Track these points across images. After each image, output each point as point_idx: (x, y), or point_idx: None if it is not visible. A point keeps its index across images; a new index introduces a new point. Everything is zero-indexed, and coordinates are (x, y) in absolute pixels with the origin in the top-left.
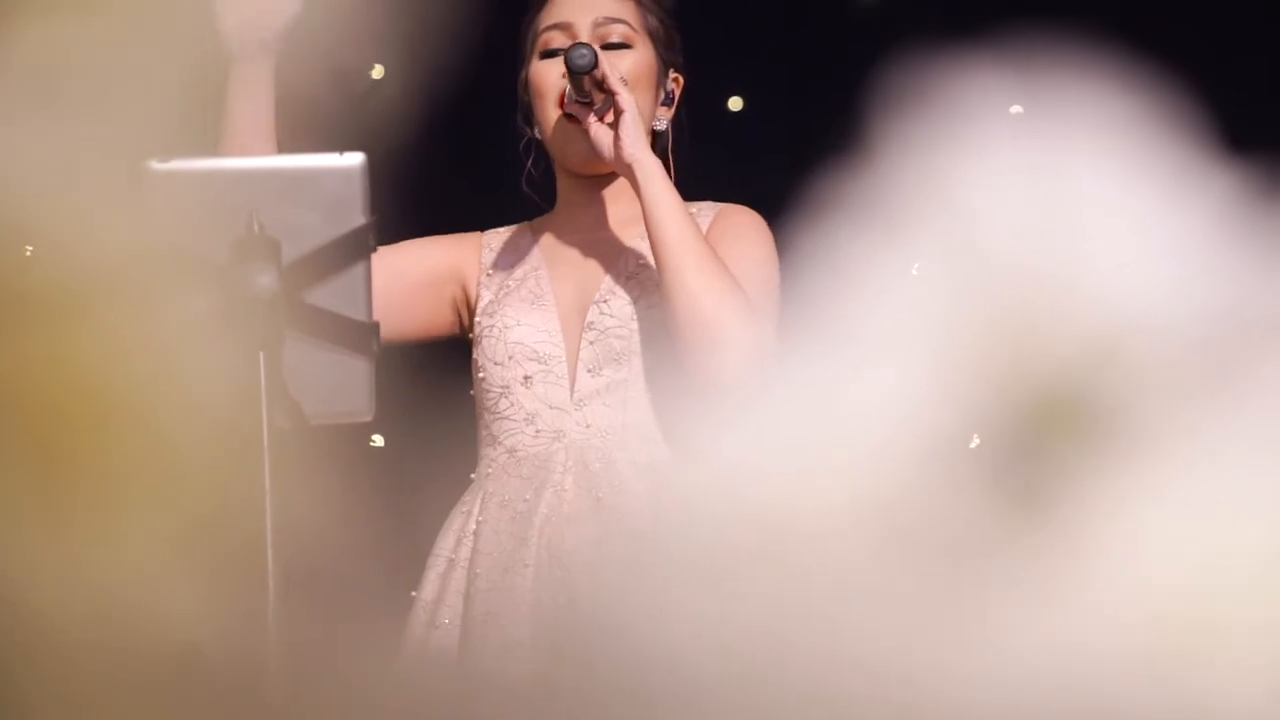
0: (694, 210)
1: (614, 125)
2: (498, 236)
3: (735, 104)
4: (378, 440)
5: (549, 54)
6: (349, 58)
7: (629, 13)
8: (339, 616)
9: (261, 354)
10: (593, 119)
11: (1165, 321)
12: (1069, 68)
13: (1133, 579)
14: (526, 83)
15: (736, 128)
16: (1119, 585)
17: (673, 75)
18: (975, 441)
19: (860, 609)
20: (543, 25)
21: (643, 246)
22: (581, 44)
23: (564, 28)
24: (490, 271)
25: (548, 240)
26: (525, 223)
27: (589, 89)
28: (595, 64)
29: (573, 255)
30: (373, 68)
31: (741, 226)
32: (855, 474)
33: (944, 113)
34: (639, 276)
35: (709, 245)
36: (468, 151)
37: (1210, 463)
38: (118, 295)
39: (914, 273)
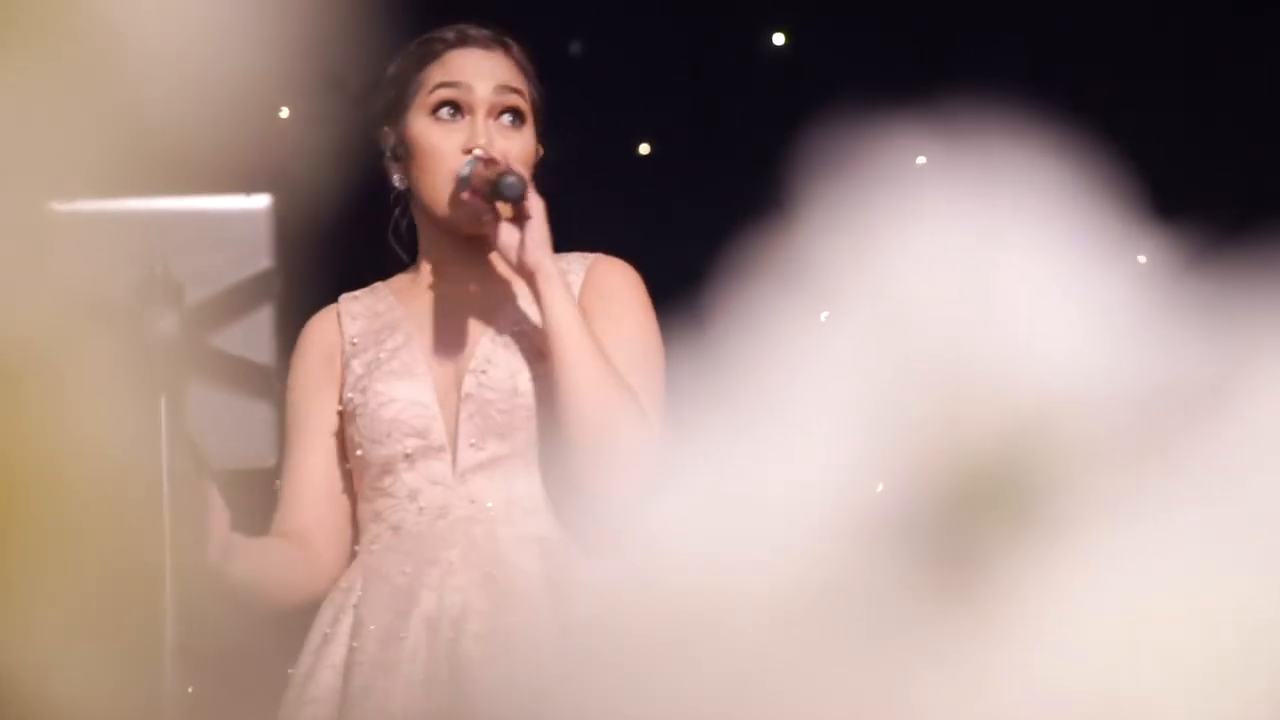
0: (563, 265)
1: (520, 228)
2: (356, 302)
3: (644, 149)
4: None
5: (442, 112)
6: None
7: (522, 82)
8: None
9: (163, 398)
10: (496, 215)
11: (1092, 392)
12: (996, 132)
13: (1062, 656)
14: (406, 136)
15: (645, 173)
16: (1048, 662)
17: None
18: (880, 488)
19: (782, 694)
20: (435, 79)
21: (518, 307)
22: (513, 174)
23: (462, 88)
24: (355, 340)
25: (415, 303)
26: (382, 283)
27: (496, 201)
28: (524, 193)
29: (444, 319)
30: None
31: (618, 292)
32: (776, 553)
33: (868, 175)
34: (516, 345)
35: (605, 355)
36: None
37: (1140, 536)
38: (23, 347)
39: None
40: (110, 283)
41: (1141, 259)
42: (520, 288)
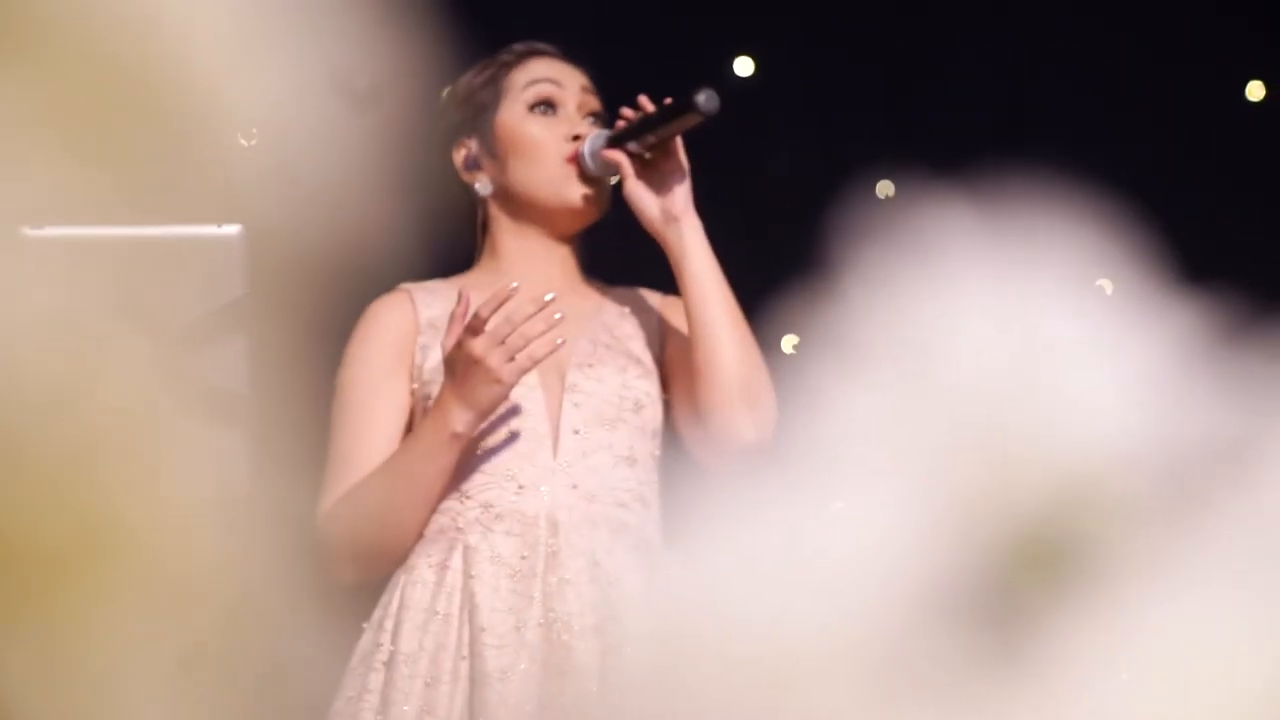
0: (645, 294)
1: (671, 179)
2: (428, 291)
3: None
4: None
5: (540, 107)
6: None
7: (595, 90)
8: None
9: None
10: (635, 172)
11: (1133, 456)
12: (1033, 202)
13: (1112, 715)
14: (502, 134)
15: (616, 202)
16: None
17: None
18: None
19: None
20: (526, 79)
21: (607, 317)
22: (712, 88)
23: (555, 84)
24: (435, 324)
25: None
26: (449, 278)
27: (666, 135)
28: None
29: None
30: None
31: None
32: (826, 616)
33: (911, 244)
34: (615, 348)
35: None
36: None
37: (1182, 597)
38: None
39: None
40: (80, 309)
41: (1104, 284)
42: (606, 299)
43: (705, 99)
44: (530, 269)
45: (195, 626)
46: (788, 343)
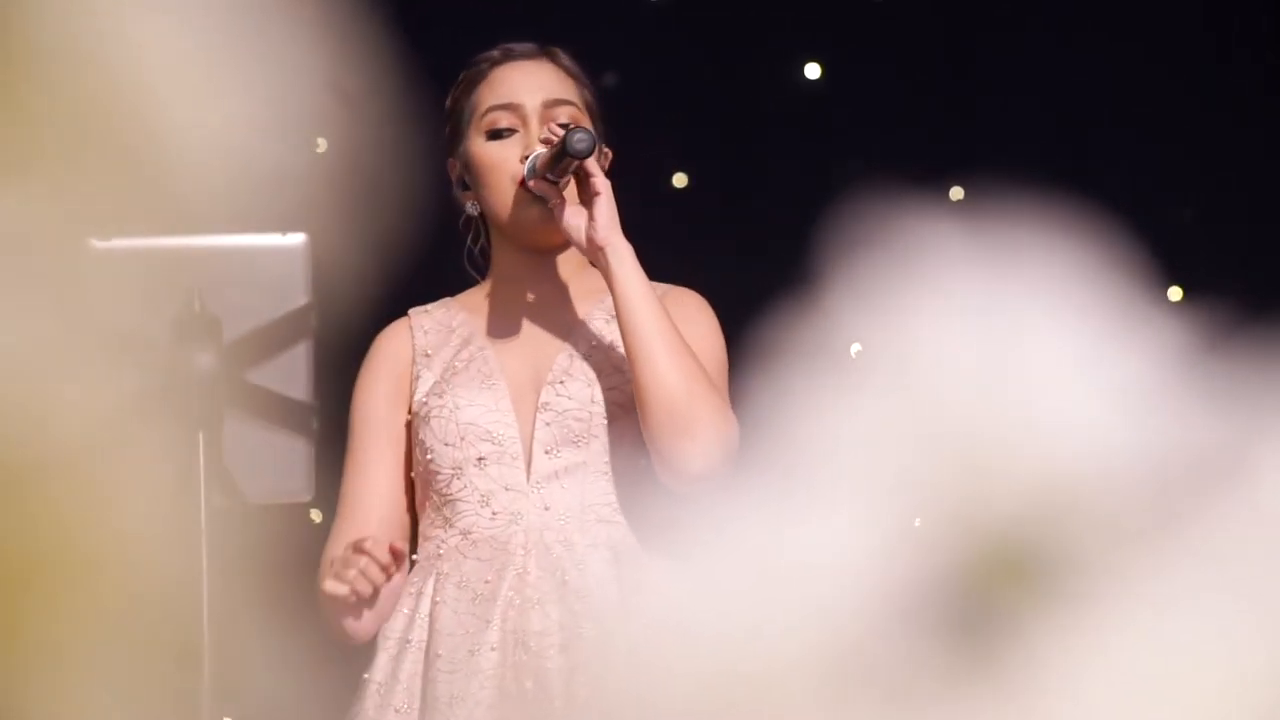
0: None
1: (588, 207)
2: (427, 316)
3: (680, 180)
4: (316, 516)
5: (495, 134)
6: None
7: (572, 91)
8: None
9: (201, 434)
10: (563, 200)
11: (1113, 468)
12: (1018, 215)
13: None
14: (468, 160)
15: (681, 205)
16: None
17: (602, 150)
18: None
19: None
20: (486, 104)
21: (592, 326)
22: (581, 129)
23: (512, 109)
24: (429, 352)
25: (488, 317)
26: (452, 298)
27: (564, 170)
28: (594, 148)
29: (518, 333)
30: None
31: (691, 313)
32: (803, 624)
33: (895, 257)
34: (593, 358)
35: (678, 331)
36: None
37: (1159, 610)
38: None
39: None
40: (149, 320)
41: (1175, 293)
42: (594, 307)
43: (575, 140)
44: (520, 283)
45: (179, 640)
46: (852, 349)
